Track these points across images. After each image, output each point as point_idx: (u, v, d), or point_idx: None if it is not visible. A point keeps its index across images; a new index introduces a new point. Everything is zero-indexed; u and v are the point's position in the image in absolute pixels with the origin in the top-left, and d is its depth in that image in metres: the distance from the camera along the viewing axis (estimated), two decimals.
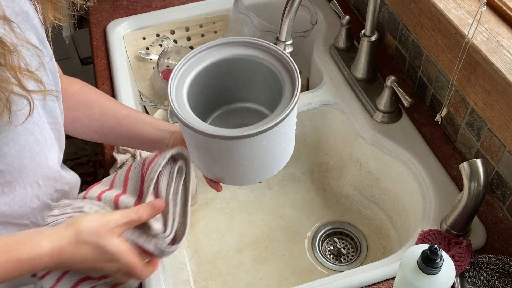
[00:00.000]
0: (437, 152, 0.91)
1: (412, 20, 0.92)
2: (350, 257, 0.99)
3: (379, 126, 0.95)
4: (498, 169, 0.81)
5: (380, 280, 0.76)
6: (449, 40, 0.82)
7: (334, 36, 1.11)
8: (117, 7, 1.27)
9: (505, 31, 0.76)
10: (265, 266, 0.98)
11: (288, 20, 0.82)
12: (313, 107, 1.03)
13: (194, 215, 1.06)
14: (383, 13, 1.06)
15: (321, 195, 1.09)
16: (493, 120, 0.77)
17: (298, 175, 1.12)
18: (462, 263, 0.73)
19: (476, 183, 0.70)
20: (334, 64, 1.08)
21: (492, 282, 0.72)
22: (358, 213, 1.04)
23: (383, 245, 0.99)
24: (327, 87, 1.05)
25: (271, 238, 1.02)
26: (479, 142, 0.84)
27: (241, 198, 1.09)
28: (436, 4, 0.82)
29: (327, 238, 1.02)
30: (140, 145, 0.79)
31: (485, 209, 0.83)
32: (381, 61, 1.08)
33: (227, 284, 0.96)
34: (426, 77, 0.96)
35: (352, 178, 1.06)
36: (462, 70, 0.80)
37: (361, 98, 1.00)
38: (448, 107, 0.89)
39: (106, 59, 1.15)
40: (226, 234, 1.03)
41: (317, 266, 0.98)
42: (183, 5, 1.26)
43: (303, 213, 1.06)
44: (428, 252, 0.58)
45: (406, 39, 1.00)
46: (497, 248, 0.78)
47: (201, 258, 0.99)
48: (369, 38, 0.95)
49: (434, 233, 0.77)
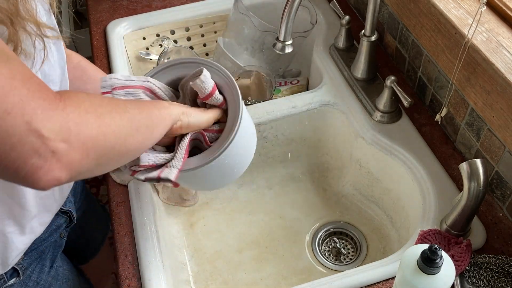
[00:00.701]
0: (437, 152, 0.91)
1: (412, 20, 0.92)
2: (350, 257, 0.99)
3: (379, 126, 0.95)
4: (498, 169, 0.81)
5: (380, 280, 0.76)
6: (449, 40, 0.82)
7: (334, 36, 1.11)
8: (117, 7, 1.27)
9: (505, 31, 0.76)
10: (265, 266, 0.98)
11: (288, 20, 0.83)
12: (313, 107, 1.03)
13: (194, 215, 1.06)
14: (383, 13, 1.06)
15: (321, 195, 1.09)
16: (493, 120, 0.77)
17: (298, 175, 1.12)
18: (462, 263, 0.73)
19: (476, 183, 0.70)
20: (334, 64, 1.09)
21: (492, 282, 0.72)
22: (358, 213, 1.04)
23: (383, 245, 0.99)
24: (327, 87, 1.05)
25: (271, 238, 1.02)
26: (479, 142, 0.84)
27: (241, 198, 1.09)
28: (436, 4, 0.82)
29: (327, 238, 1.02)
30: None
31: (485, 209, 0.83)
32: (381, 61, 1.08)
33: (227, 284, 0.96)
34: (426, 77, 0.96)
35: (352, 178, 1.06)
36: (462, 70, 0.80)
37: (361, 98, 1.00)
38: (448, 107, 0.89)
39: (106, 59, 1.15)
40: (226, 234, 1.03)
41: (317, 266, 0.98)
42: (183, 5, 1.26)
43: (303, 213, 1.06)
44: (428, 252, 0.58)
45: (406, 39, 1.00)
46: (497, 248, 0.78)
47: (201, 258, 1.00)
48: (369, 38, 0.95)
49: (434, 233, 0.77)
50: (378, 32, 0.96)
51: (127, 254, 0.81)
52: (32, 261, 0.81)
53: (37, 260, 0.83)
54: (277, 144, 1.08)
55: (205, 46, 1.31)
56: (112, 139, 0.52)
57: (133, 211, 0.86)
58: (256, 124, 1.02)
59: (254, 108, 1.02)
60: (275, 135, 1.06)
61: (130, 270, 0.79)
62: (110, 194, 0.90)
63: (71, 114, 0.47)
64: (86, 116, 0.49)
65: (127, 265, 0.80)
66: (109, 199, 0.89)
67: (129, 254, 0.81)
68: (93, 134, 0.49)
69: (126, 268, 0.79)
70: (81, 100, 0.50)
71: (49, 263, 0.86)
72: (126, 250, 0.82)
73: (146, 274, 0.77)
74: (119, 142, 0.53)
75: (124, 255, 0.81)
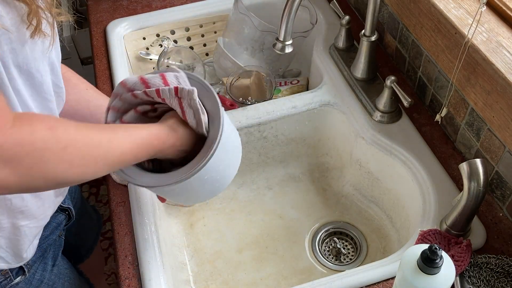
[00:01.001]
0: (437, 152, 0.91)
1: (412, 20, 0.92)
2: (350, 257, 0.99)
3: (379, 126, 0.95)
4: (498, 169, 0.81)
5: (380, 280, 0.76)
6: (449, 40, 0.82)
7: (334, 36, 1.11)
8: (117, 7, 1.27)
9: (505, 31, 0.76)
10: (265, 266, 0.98)
11: (288, 20, 0.82)
12: (313, 107, 1.03)
13: (194, 215, 1.06)
14: (383, 13, 1.06)
15: (321, 195, 1.09)
16: (493, 120, 0.77)
17: (298, 175, 1.12)
18: (462, 263, 0.73)
19: (476, 183, 0.70)
20: (334, 64, 1.09)
21: (492, 282, 0.72)
22: (358, 213, 1.04)
23: (383, 245, 0.99)
24: (327, 87, 1.05)
25: (271, 238, 1.02)
26: (479, 142, 0.84)
27: (241, 198, 1.09)
28: (436, 4, 0.82)
29: (327, 238, 1.02)
30: None
31: (485, 209, 0.83)
32: (381, 61, 1.08)
33: (227, 284, 0.96)
34: (426, 77, 0.96)
35: (352, 178, 1.06)
36: (462, 70, 0.80)
37: (361, 98, 1.00)
38: (448, 107, 0.89)
39: (106, 59, 1.15)
40: (226, 234, 1.03)
41: (317, 266, 0.98)
42: (183, 5, 1.26)
43: (303, 213, 1.06)
44: (428, 252, 0.58)
45: (406, 39, 1.00)
46: (497, 248, 0.78)
47: (201, 258, 1.00)
48: (369, 38, 0.95)
49: (434, 233, 0.77)
50: (378, 32, 0.96)
51: (127, 254, 0.81)
52: (36, 259, 0.82)
53: (40, 259, 0.84)
54: (277, 144, 1.08)
55: (205, 46, 1.31)
56: (76, 178, 0.55)
57: (133, 211, 0.86)
58: (256, 124, 1.02)
59: (254, 108, 1.02)
60: (275, 135, 1.06)
61: (130, 270, 0.79)
62: (110, 194, 0.90)
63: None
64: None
65: (127, 265, 0.80)
66: (109, 199, 0.89)
67: (129, 254, 0.81)
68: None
69: (126, 268, 0.79)
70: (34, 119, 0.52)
71: (51, 261, 0.87)
72: (126, 250, 0.82)
73: (146, 274, 0.77)
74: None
75: (124, 255, 0.81)
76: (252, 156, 1.09)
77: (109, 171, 0.59)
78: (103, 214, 1.79)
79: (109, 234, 1.50)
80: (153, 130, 0.63)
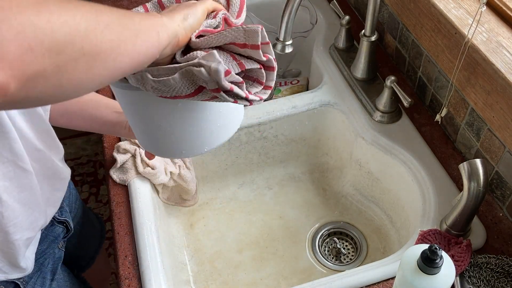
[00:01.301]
0: (437, 152, 0.91)
1: (412, 20, 0.92)
2: (350, 257, 0.99)
3: (379, 126, 0.95)
4: (498, 169, 0.81)
5: (380, 280, 0.76)
6: (449, 40, 0.82)
7: (334, 36, 1.11)
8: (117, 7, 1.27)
9: (505, 31, 0.76)
10: (265, 266, 0.98)
11: (288, 20, 0.82)
12: (313, 107, 1.03)
13: (194, 215, 1.06)
14: (383, 13, 1.06)
15: (321, 195, 1.09)
16: (493, 120, 0.77)
17: (298, 175, 1.12)
18: (462, 263, 0.73)
19: (476, 183, 0.71)
20: (334, 64, 1.09)
21: (492, 282, 0.72)
22: (358, 213, 1.04)
23: (383, 245, 0.99)
24: (327, 87, 1.05)
25: (271, 238, 1.02)
26: (479, 142, 0.84)
27: (241, 198, 1.09)
28: (436, 4, 0.82)
29: (327, 238, 1.02)
30: (101, 127, 0.83)
31: (485, 209, 0.83)
32: (381, 61, 1.08)
33: (227, 284, 0.96)
34: (426, 77, 0.96)
35: (352, 178, 1.06)
36: (462, 70, 0.80)
37: (361, 98, 1.00)
38: (448, 107, 0.89)
39: None
40: (226, 234, 1.03)
41: (317, 266, 0.98)
42: None
43: (303, 213, 1.06)
44: (428, 252, 0.58)
45: (406, 39, 1.00)
46: (497, 248, 0.78)
47: (201, 258, 1.00)
48: (369, 38, 0.96)
49: (434, 233, 0.77)
50: (378, 32, 0.96)
51: (127, 254, 0.81)
52: (33, 274, 0.79)
53: (38, 273, 0.81)
54: (277, 144, 1.08)
55: None
56: (65, 30, 0.39)
57: (133, 211, 0.86)
58: (256, 124, 1.02)
59: (254, 108, 1.02)
60: (275, 135, 1.06)
61: (130, 270, 0.79)
62: (110, 194, 0.90)
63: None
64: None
65: (127, 265, 0.80)
66: (109, 199, 0.89)
67: (129, 254, 0.81)
68: (32, 22, 0.37)
69: (126, 268, 0.79)
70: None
71: (50, 275, 0.84)
72: (126, 250, 0.82)
73: (146, 274, 0.77)
74: (79, 35, 0.40)
75: (124, 255, 0.81)
76: (252, 156, 1.09)
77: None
78: (103, 214, 1.79)
79: (109, 234, 1.50)
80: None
